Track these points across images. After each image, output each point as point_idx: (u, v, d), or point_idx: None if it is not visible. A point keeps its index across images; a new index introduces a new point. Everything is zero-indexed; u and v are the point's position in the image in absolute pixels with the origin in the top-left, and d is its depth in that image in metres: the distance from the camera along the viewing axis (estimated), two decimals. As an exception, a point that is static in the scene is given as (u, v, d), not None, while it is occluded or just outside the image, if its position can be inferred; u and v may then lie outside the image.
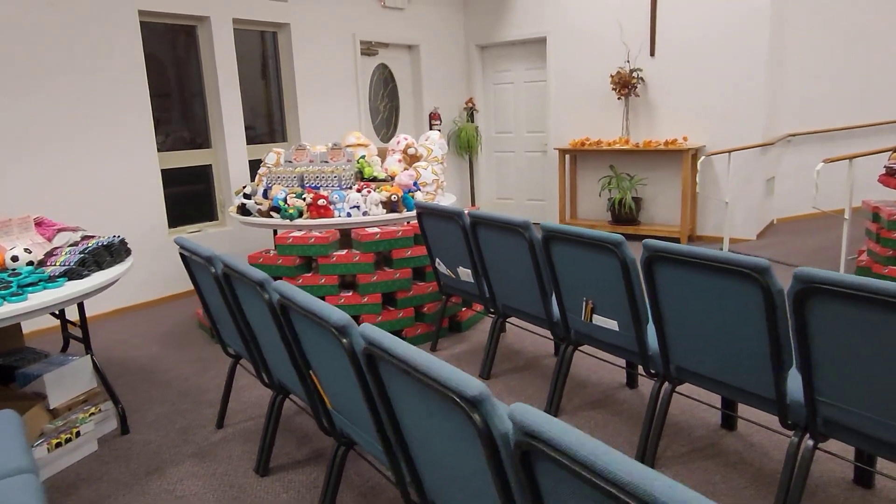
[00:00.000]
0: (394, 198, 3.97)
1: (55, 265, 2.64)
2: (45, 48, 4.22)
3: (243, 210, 4.18)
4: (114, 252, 2.84)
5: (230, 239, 5.47)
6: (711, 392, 2.35)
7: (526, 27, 7.18)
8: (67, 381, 2.87)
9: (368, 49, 6.70)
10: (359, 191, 4.07)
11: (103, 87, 4.54)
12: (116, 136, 4.65)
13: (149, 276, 4.95)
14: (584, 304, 2.68)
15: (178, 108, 5.23)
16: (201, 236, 5.28)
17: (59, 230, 2.92)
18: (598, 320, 2.64)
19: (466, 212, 3.21)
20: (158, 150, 5.01)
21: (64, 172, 4.38)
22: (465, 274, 3.45)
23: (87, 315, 4.60)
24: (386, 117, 7.10)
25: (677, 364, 2.36)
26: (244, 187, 4.30)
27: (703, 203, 6.37)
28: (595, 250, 2.47)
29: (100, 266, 2.75)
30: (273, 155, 4.63)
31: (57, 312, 3.36)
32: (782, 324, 1.90)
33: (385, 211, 4.00)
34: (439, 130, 7.48)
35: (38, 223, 3.01)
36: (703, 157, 5.95)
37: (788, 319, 1.88)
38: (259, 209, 4.09)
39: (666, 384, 2.44)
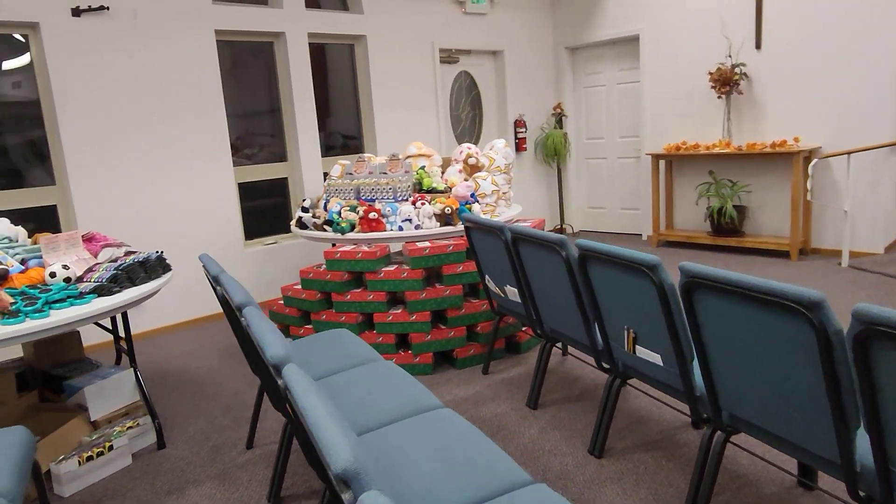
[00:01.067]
0: (447, 210, 3.77)
1: (90, 281, 2.69)
2: (125, 67, 4.45)
3: (300, 223, 4.16)
4: (149, 268, 2.86)
5: (300, 252, 5.52)
6: (769, 447, 1.94)
7: (618, 25, 6.75)
8: (109, 393, 2.93)
9: (449, 57, 6.57)
10: (413, 203, 3.91)
11: (180, 103, 4.72)
12: (193, 152, 4.82)
13: (225, 287, 5.08)
14: (625, 332, 2.34)
15: (269, 122, 5.36)
16: (275, 248, 5.37)
17: (105, 246, 3.00)
18: (642, 352, 2.29)
19: (508, 225, 2.96)
20: (249, 164, 5.16)
21: (142, 188, 4.59)
22: (513, 293, 3.18)
23: (157, 327, 4.79)
24: (468, 126, 6.94)
25: (729, 410, 1.97)
26: (304, 200, 4.29)
27: (818, 212, 5.63)
28: (631, 273, 2.14)
29: (133, 282, 2.77)
30: (338, 167, 4.59)
31: (109, 326, 3.47)
32: (843, 372, 1.49)
33: (439, 224, 3.82)
34: (516, 139, 7.21)
35: (89, 239, 3.11)
36: (815, 160, 5.24)
37: (851, 367, 1.48)
38: (315, 222, 4.05)
39: (718, 432, 2.06)
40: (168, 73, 4.65)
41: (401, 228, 3.79)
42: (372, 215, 3.79)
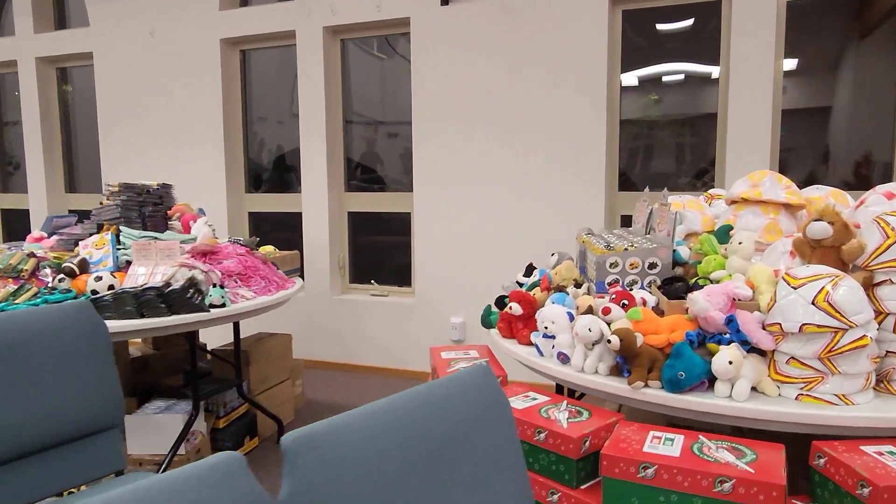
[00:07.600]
0: (610, 341, 1.51)
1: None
2: (491, 57, 3.67)
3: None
4: (143, 301, 2.31)
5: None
6: None
7: None
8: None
9: None
10: (619, 300, 1.74)
11: (556, 83, 3.58)
12: (565, 151, 3.61)
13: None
14: None
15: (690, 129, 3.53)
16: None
17: (183, 265, 2.58)
18: None
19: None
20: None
21: (498, 199, 3.77)
22: None
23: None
24: None
25: None
26: (552, 255, 2.58)
27: None
28: None
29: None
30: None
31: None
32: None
33: (607, 370, 1.59)
34: None
35: (212, 252, 2.76)
36: None
37: None
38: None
39: None
40: (549, 52, 3.55)
41: (537, 347, 1.77)
42: (513, 308, 1.90)
